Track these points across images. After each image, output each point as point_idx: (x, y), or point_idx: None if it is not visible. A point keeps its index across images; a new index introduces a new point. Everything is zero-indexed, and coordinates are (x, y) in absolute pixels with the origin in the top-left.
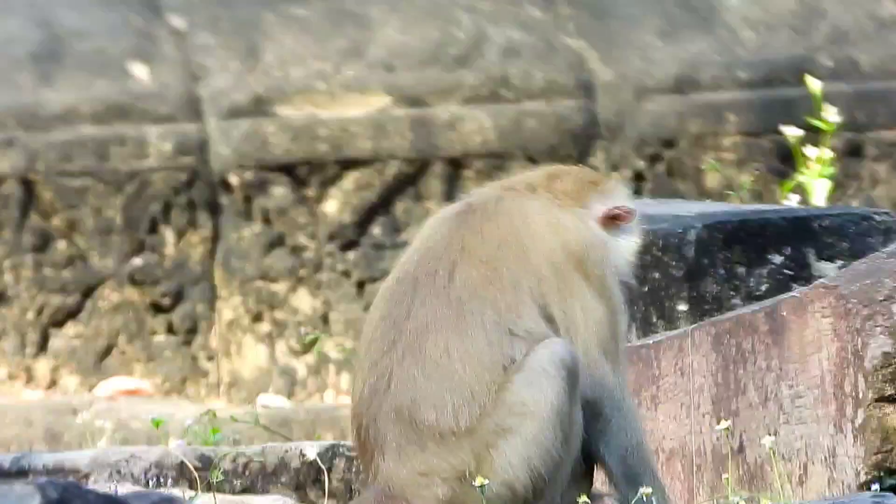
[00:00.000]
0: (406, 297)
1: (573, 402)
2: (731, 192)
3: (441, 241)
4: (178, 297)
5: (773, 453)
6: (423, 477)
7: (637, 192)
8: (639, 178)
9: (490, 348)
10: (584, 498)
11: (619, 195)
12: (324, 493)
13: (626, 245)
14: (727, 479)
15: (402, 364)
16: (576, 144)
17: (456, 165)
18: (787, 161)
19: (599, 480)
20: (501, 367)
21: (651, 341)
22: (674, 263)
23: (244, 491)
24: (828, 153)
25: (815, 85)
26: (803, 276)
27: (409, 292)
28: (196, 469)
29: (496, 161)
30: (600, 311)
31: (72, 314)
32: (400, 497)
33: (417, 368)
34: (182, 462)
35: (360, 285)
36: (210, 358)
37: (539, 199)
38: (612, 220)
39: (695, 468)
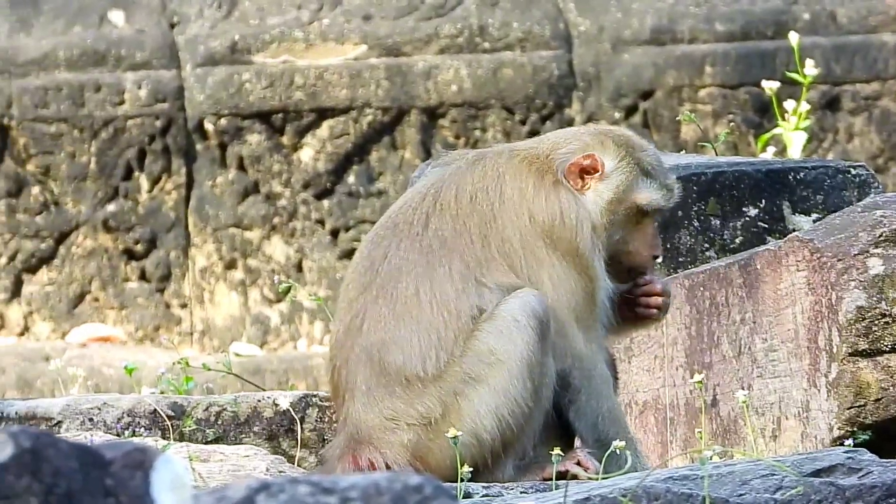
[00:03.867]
0: (384, 241)
1: (544, 354)
2: (706, 144)
3: (422, 190)
4: (151, 243)
5: (747, 407)
6: (390, 422)
7: None
8: None
9: (458, 296)
10: (556, 450)
11: (593, 149)
12: (296, 443)
13: (599, 198)
14: (700, 433)
15: (375, 305)
16: (552, 95)
17: (432, 115)
18: (763, 113)
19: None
20: (469, 316)
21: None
22: None
23: (216, 440)
24: (804, 106)
25: (792, 37)
26: (778, 229)
27: (388, 236)
28: (168, 418)
29: (472, 111)
30: (570, 281)
31: (45, 260)
32: (367, 442)
33: (388, 309)
34: (154, 410)
35: (335, 234)
36: (183, 305)
37: (515, 162)
38: (585, 175)
39: (668, 422)
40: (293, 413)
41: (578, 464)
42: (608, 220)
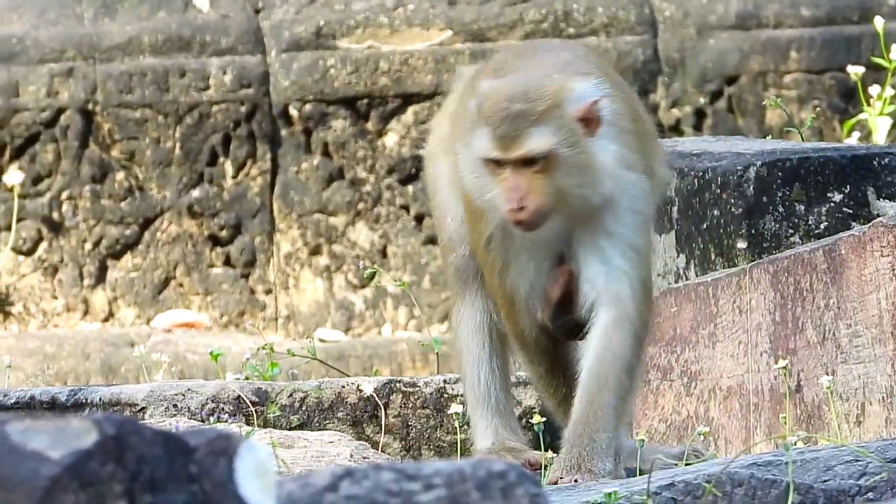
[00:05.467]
0: None
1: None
2: (792, 129)
3: None
4: (236, 229)
5: (831, 393)
6: None
7: (698, 129)
8: (700, 114)
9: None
10: (640, 436)
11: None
12: (380, 429)
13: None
14: (784, 418)
15: None
16: (637, 80)
17: None
18: (848, 99)
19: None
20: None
21: (709, 279)
22: (733, 201)
23: (300, 426)
24: (889, 91)
25: (877, 22)
26: (863, 214)
27: None
28: (253, 404)
29: None
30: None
31: (129, 246)
32: None
33: None
34: (239, 397)
35: (419, 219)
36: (267, 291)
37: None
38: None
39: (752, 407)
40: (377, 399)
41: None
42: (467, 170)
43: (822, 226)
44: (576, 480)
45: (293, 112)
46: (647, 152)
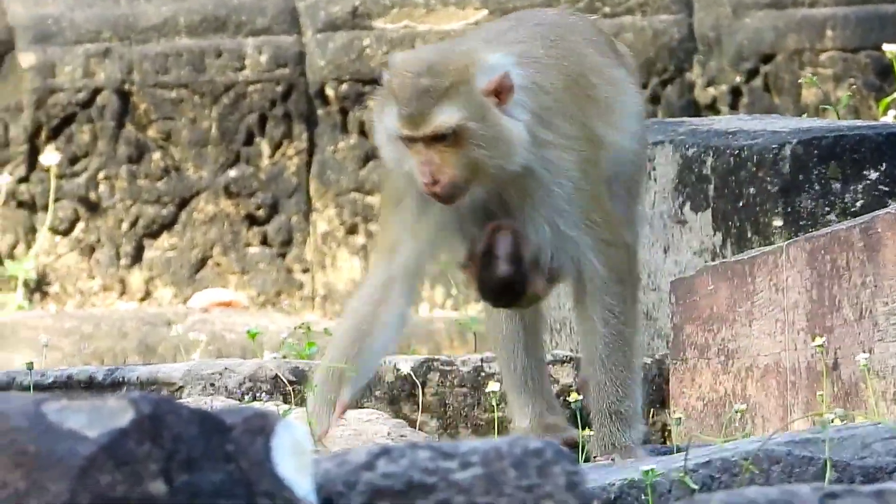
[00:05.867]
0: None
1: None
2: (828, 108)
3: None
4: (273, 209)
5: (868, 370)
6: None
7: (734, 107)
8: (736, 92)
9: None
10: (676, 413)
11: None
12: (418, 408)
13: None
14: (821, 396)
15: None
16: (672, 59)
17: None
18: (884, 77)
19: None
20: None
21: (746, 257)
22: (769, 179)
23: None
24: None
25: None
26: None
27: None
28: (290, 382)
29: None
30: None
31: (166, 226)
32: None
33: None
34: (276, 376)
35: None
36: (304, 270)
37: None
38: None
39: (789, 385)
40: (414, 377)
41: None
42: (383, 143)
43: (858, 203)
44: (612, 459)
45: (329, 92)
46: (587, 118)
